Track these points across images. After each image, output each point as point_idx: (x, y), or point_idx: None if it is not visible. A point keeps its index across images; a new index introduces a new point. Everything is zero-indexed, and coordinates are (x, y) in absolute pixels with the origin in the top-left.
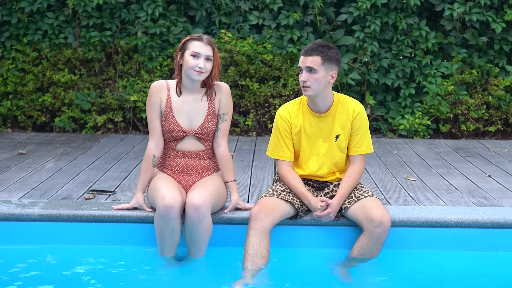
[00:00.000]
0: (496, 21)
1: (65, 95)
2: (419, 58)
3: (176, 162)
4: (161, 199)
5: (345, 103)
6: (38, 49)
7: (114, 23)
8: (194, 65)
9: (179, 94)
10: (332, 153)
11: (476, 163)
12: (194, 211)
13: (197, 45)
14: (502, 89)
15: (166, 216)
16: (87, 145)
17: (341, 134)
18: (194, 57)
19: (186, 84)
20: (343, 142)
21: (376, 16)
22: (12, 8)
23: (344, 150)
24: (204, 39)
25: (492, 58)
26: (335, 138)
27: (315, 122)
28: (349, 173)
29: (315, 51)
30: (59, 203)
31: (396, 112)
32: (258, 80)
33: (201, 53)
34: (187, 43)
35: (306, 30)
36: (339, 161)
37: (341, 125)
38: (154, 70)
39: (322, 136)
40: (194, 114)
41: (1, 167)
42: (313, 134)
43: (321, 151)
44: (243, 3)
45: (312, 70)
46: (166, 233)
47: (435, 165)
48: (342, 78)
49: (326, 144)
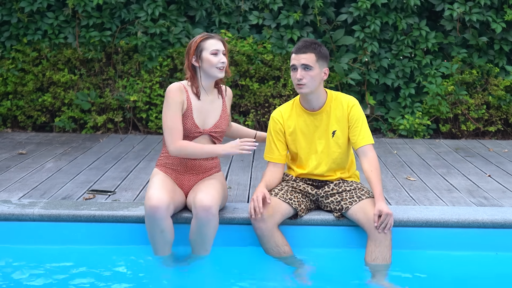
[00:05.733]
0: (496, 21)
1: (65, 95)
2: (419, 58)
3: (181, 161)
4: (148, 200)
5: (338, 99)
6: (38, 49)
7: (114, 23)
8: (217, 61)
9: (199, 96)
10: (330, 150)
11: (476, 163)
12: (204, 212)
13: (213, 42)
14: (502, 89)
15: (152, 217)
16: (87, 145)
17: (338, 130)
18: (215, 55)
19: (204, 84)
20: (341, 138)
21: (376, 16)
22: (12, 8)
23: (342, 146)
24: (215, 36)
25: (492, 58)
26: (331, 135)
27: (310, 120)
28: (368, 167)
29: (308, 48)
30: (59, 203)
31: (396, 112)
32: (258, 80)
33: (219, 49)
34: (201, 44)
35: (306, 30)
36: (337, 158)
37: (336, 120)
38: (154, 70)
39: (318, 133)
40: (210, 114)
41: (1, 167)
42: (309, 132)
43: (318, 149)
44: (243, 3)
45: (308, 67)
46: (156, 233)
47: (435, 165)
48: (342, 78)
49: (322, 141)
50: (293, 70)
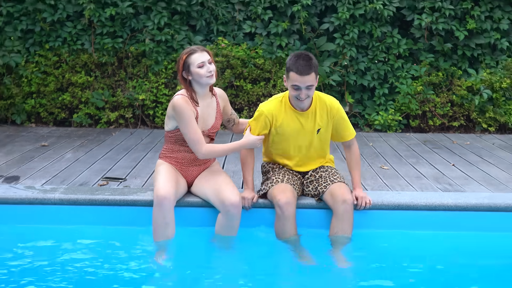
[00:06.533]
0: (459, 29)
1: (82, 94)
2: (392, 62)
3: (185, 156)
4: (156, 191)
5: (322, 100)
6: (58, 54)
7: (125, 31)
8: (205, 72)
9: (197, 104)
10: (313, 144)
11: (441, 154)
12: (235, 208)
13: (197, 56)
14: (464, 89)
15: (159, 206)
16: (101, 138)
17: (322, 128)
18: (201, 67)
19: (200, 92)
20: (324, 134)
21: (354, 25)
22: (35, 18)
23: (325, 140)
24: (198, 49)
25: (456, 62)
26: (316, 131)
27: (298, 119)
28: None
29: (311, 69)
30: (77, 189)
31: (371, 109)
32: (250, 81)
33: (204, 60)
34: (187, 60)
35: (293, 37)
36: (319, 149)
37: (321, 120)
38: (160, 72)
39: (304, 130)
40: (208, 117)
41: (26, 157)
42: (296, 129)
43: (304, 144)
44: (237, 14)
45: (311, 86)
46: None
47: (406, 155)
48: (325, 80)
49: (307, 138)
50: (296, 89)
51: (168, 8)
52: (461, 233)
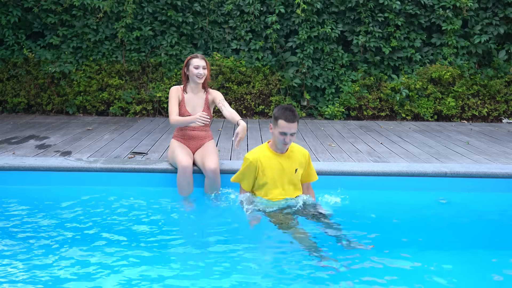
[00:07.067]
0: (385, 46)
1: (116, 93)
2: (337, 70)
3: (186, 133)
4: (180, 162)
5: (295, 146)
6: (99, 64)
7: (146, 47)
8: (196, 73)
9: (187, 92)
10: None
11: (373, 135)
12: (213, 173)
13: (196, 61)
14: (389, 89)
15: (183, 173)
16: (130, 124)
17: (298, 168)
18: (196, 68)
19: (192, 86)
20: (299, 173)
21: (310, 43)
22: (83, 38)
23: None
24: (199, 56)
25: (383, 69)
26: (294, 171)
27: (278, 160)
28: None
29: (295, 118)
30: (113, 160)
31: (323, 104)
32: (236, 83)
33: (199, 65)
34: (189, 61)
35: (267, 52)
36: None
37: (298, 162)
38: (172, 77)
39: (285, 170)
40: (197, 105)
41: (76, 138)
42: (277, 169)
43: (284, 181)
44: (227, 35)
45: (294, 133)
46: (184, 184)
47: (347, 136)
48: (289, 82)
49: (287, 177)
50: (282, 134)
51: (178, 31)
52: (387, 191)
